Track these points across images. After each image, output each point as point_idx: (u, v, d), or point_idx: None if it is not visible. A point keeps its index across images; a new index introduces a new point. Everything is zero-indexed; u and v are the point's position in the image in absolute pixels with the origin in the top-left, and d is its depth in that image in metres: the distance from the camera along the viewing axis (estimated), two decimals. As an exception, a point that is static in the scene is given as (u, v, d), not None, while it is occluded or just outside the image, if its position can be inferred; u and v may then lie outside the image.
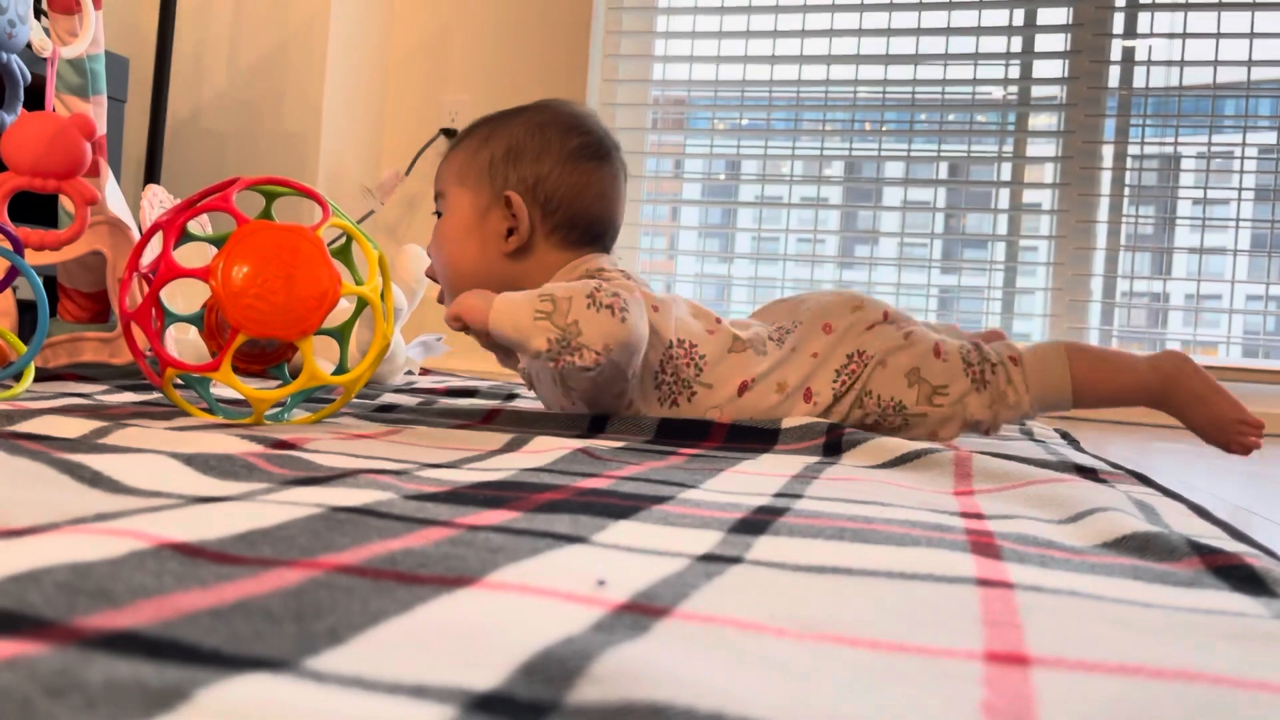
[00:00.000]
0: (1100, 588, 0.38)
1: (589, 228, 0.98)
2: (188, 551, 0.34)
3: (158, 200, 1.08)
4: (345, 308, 0.96)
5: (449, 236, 0.98)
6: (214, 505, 0.42)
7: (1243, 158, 2.09)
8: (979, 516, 0.54)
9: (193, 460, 0.51)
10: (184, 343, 1.09)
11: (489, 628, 0.28)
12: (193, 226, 0.86)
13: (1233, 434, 0.96)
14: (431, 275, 1.02)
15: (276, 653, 0.24)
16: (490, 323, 0.82)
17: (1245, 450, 0.97)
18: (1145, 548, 0.47)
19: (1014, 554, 0.44)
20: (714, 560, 0.39)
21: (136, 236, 1.02)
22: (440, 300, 1.02)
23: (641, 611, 0.31)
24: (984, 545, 0.45)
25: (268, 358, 0.86)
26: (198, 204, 0.77)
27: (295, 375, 1.01)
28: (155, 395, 0.93)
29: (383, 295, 0.81)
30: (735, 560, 0.39)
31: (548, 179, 0.96)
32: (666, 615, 0.31)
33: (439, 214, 1.00)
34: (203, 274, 0.72)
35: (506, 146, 0.97)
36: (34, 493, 0.41)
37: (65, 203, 1.02)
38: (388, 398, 1.14)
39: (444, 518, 0.43)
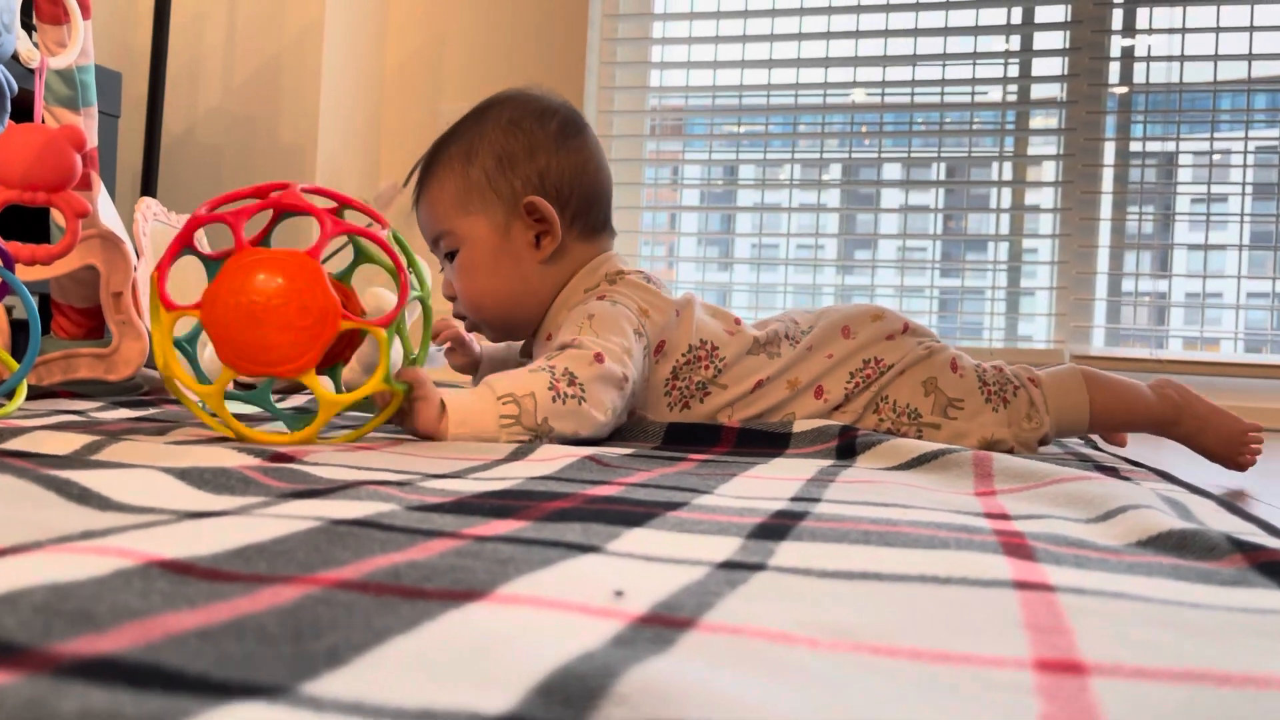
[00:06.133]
0: (1145, 588, 0.36)
1: (600, 208, 0.95)
2: (177, 569, 0.32)
3: (151, 213, 1.07)
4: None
5: (479, 268, 0.91)
6: (207, 520, 0.40)
7: (1245, 151, 2.08)
8: (1004, 517, 0.52)
9: (186, 474, 0.49)
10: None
11: (501, 644, 0.26)
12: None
13: (1242, 447, 0.97)
14: (460, 315, 0.96)
15: (270, 676, 0.22)
16: (451, 438, 0.75)
17: (1253, 462, 0.98)
18: (1183, 546, 0.45)
19: (1048, 555, 0.42)
20: (736, 567, 0.37)
21: (130, 250, 1.00)
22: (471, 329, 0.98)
23: (663, 624, 0.29)
24: (1015, 546, 0.43)
25: (326, 359, 0.80)
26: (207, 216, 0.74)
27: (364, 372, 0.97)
28: (151, 411, 0.91)
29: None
30: (758, 567, 0.37)
31: (549, 171, 0.92)
32: (690, 627, 0.29)
33: (450, 255, 0.93)
34: (195, 308, 0.69)
35: (495, 156, 0.92)
36: (16, 510, 0.39)
37: (56, 216, 1.01)
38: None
39: (449, 529, 0.41)
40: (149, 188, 1.92)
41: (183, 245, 0.73)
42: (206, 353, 1.16)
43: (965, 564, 0.39)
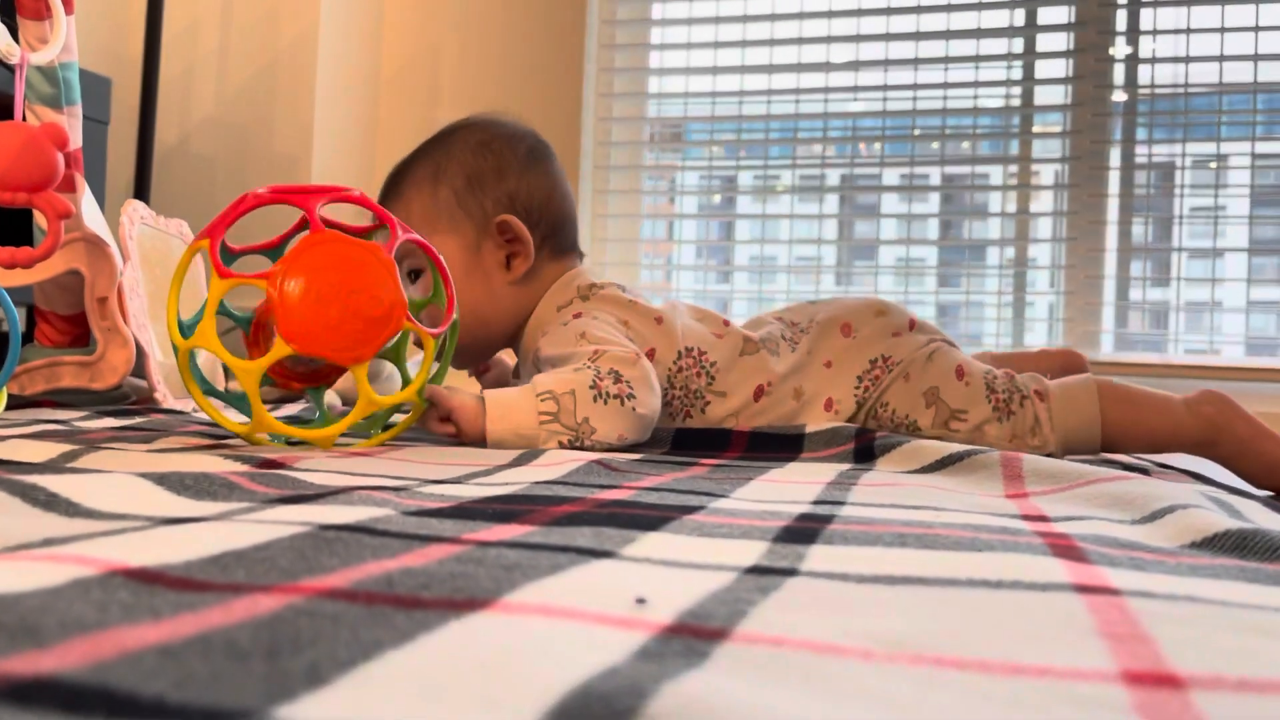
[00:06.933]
0: (1218, 592, 0.33)
1: (568, 231, 0.94)
2: (144, 578, 0.28)
3: (139, 216, 1.03)
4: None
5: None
6: (183, 526, 0.37)
7: (1252, 154, 2.05)
8: (1043, 519, 0.49)
9: (165, 480, 0.45)
10: (170, 368, 1.04)
11: (509, 659, 0.22)
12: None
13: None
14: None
15: (238, 699, 0.19)
16: (489, 435, 0.74)
17: None
18: (1243, 547, 0.42)
19: (1101, 557, 0.38)
20: (765, 573, 0.34)
21: (116, 254, 0.96)
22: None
23: (694, 634, 0.25)
24: (1064, 548, 0.40)
25: (313, 377, 0.77)
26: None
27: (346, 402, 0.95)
28: (137, 420, 0.87)
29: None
30: (789, 572, 0.34)
31: (519, 193, 0.90)
32: (724, 638, 0.25)
33: (413, 274, 0.90)
34: (262, 277, 0.66)
35: (464, 176, 0.90)
36: (-27, 517, 0.36)
37: (39, 219, 0.97)
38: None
39: (449, 534, 0.38)
40: (141, 198, 1.89)
41: (235, 218, 0.70)
42: (202, 354, 1.12)
43: (1016, 567, 0.35)
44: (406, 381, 0.79)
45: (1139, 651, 0.25)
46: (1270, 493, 0.83)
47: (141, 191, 1.88)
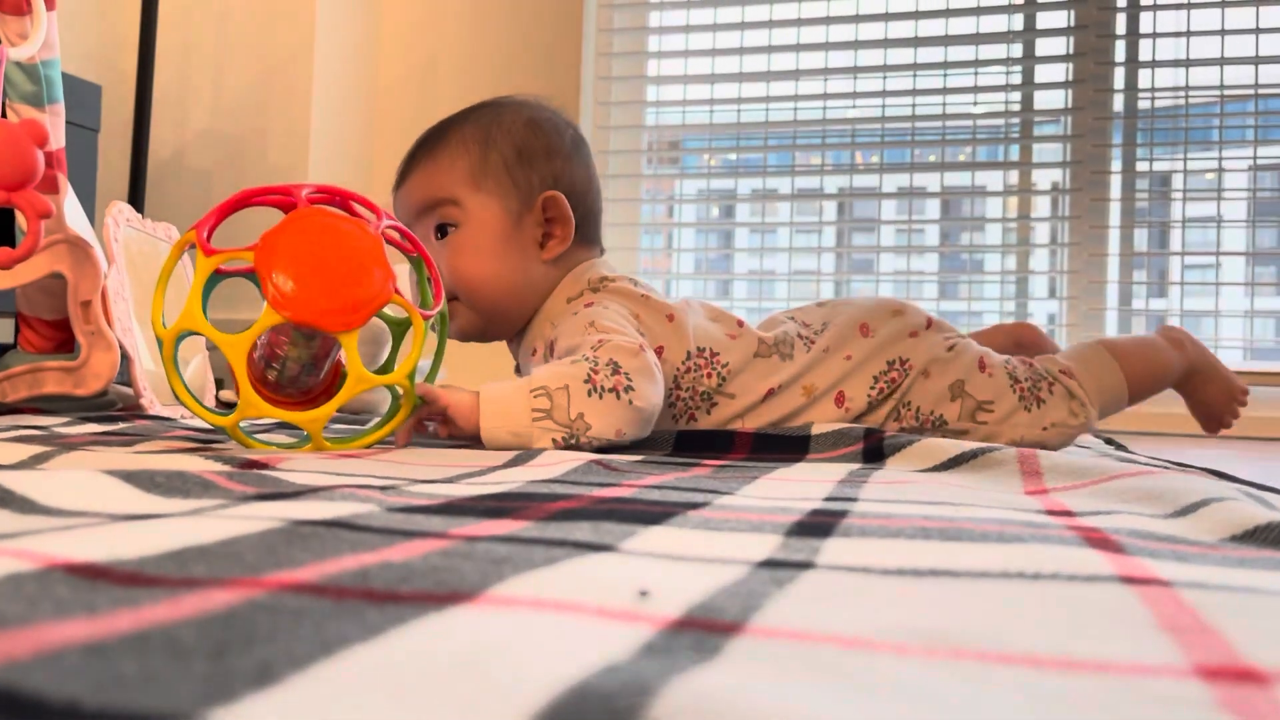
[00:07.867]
0: (1277, 583, 0.30)
1: (596, 225, 0.92)
2: (89, 573, 0.25)
3: (124, 219, 1.01)
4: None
5: (483, 250, 0.85)
6: (145, 522, 0.34)
7: (1254, 157, 2.03)
8: (1069, 514, 0.46)
9: (133, 477, 0.42)
10: (157, 376, 1.01)
11: (494, 655, 0.19)
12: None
13: (1231, 407, 0.98)
14: (451, 295, 0.87)
15: (168, 701, 0.16)
16: (484, 434, 0.71)
17: (1230, 424, 0.99)
18: (1288, 539, 0.39)
19: (1141, 549, 0.35)
20: (779, 566, 0.31)
21: (100, 257, 0.94)
22: (434, 331, 0.90)
23: (704, 628, 0.22)
24: (1100, 540, 0.37)
25: (304, 400, 0.72)
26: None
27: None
28: (120, 425, 0.84)
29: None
30: (805, 565, 0.31)
31: (563, 176, 0.88)
32: (738, 632, 0.22)
33: (441, 230, 0.87)
34: (249, 249, 0.64)
35: (515, 146, 0.88)
36: (-85, 513, 0.33)
37: (21, 220, 0.95)
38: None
39: (435, 529, 0.35)
40: (136, 210, 1.86)
41: (230, 211, 0.69)
42: (191, 367, 1.09)
43: (1053, 559, 0.32)
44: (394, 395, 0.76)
45: (1209, 645, 0.22)
46: (1210, 421, 0.99)
47: (136, 203, 1.86)
